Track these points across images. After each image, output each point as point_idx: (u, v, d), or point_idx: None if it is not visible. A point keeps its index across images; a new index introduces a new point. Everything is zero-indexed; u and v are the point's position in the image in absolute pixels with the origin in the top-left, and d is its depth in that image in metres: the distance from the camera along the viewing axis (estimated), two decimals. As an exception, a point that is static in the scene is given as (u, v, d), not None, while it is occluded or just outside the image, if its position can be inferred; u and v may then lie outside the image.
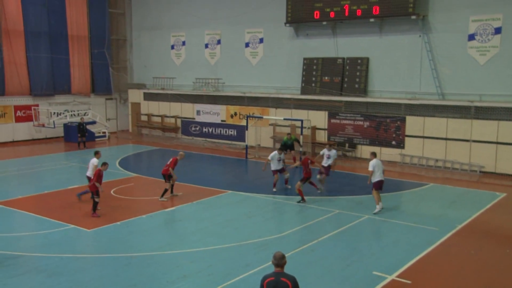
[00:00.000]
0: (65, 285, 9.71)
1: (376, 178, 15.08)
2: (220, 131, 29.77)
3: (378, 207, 15.05)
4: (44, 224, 13.64)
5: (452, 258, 11.63)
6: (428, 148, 22.59)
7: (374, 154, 15.57)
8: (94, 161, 15.63)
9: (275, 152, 17.86)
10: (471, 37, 21.89)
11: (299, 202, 16.12)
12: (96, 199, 14.44)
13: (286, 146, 22.00)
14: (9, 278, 10.03)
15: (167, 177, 16.42)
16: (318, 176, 17.78)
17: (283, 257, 6.52)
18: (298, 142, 22.79)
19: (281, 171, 17.97)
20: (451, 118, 21.96)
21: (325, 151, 18.49)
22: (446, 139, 22.11)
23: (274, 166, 17.79)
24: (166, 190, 16.40)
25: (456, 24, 22.19)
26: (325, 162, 18.22)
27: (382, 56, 24.48)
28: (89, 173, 15.60)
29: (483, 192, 18.21)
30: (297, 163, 18.14)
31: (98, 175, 14.47)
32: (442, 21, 22.60)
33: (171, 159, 16.68)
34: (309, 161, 16.55)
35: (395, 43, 24.04)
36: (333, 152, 18.48)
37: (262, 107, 27.94)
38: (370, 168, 15.05)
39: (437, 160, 22.30)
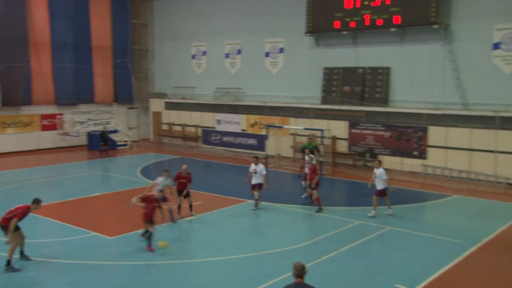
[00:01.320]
0: (87, 292, 9.82)
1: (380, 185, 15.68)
2: (240, 140, 29.85)
3: (373, 212, 15.60)
4: (67, 231, 13.83)
5: (478, 272, 11.38)
6: (452, 159, 22.24)
7: (380, 163, 16.16)
8: (159, 180, 14.88)
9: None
10: (496, 46, 21.58)
11: (317, 211, 16.10)
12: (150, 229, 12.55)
13: (304, 151, 21.85)
14: (34, 284, 10.18)
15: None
16: (303, 183, 18.33)
17: (303, 267, 6.51)
18: (318, 150, 22.65)
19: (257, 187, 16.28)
20: (476, 128, 21.60)
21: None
22: (470, 149, 21.74)
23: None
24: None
25: (480, 33, 21.91)
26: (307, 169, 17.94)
27: (403, 66, 24.29)
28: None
29: (509, 204, 17.80)
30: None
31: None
32: (465, 30, 22.34)
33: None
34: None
35: (417, 53, 23.84)
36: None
37: (282, 116, 27.94)
38: (385, 177, 15.64)
39: (460, 171, 21.93)
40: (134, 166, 24.91)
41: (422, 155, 23.08)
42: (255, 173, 16.33)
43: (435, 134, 22.67)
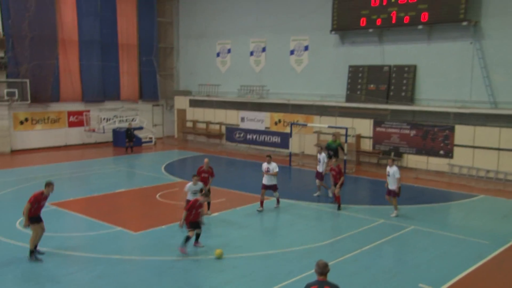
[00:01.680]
0: (113, 285, 10.00)
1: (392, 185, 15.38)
2: (264, 138, 29.87)
3: (395, 212, 15.53)
4: (93, 226, 14.10)
5: (505, 274, 11.16)
6: (479, 159, 21.82)
7: (394, 161, 16.00)
8: (188, 186, 13.70)
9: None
10: (527, 43, 21.07)
11: (338, 209, 16.09)
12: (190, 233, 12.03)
13: (330, 149, 21.83)
14: (62, 276, 10.43)
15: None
16: (317, 181, 18.21)
17: (326, 265, 6.49)
18: (342, 149, 22.50)
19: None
20: (505, 127, 21.13)
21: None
22: (498, 149, 21.29)
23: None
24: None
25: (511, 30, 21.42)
26: (318, 167, 18.11)
27: (430, 64, 23.92)
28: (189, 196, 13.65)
29: (538, 205, 17.39)
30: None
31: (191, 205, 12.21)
32: (495, 27, 21.86)
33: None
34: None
35: (444, 50, 23.45)
36: (322, 155, 18.06)
37: (306, 114, 27.85)
38: (398, 175, 15.25)
39: (488, 171, 21.50)
40: (158, 162, 25.21)
41: (448, 154, 22.71)
42: (267, 171, 15.88)
43: (462, 133, 22.27)
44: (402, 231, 13.92)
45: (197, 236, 12.36)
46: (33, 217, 11.57)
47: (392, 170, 15.31)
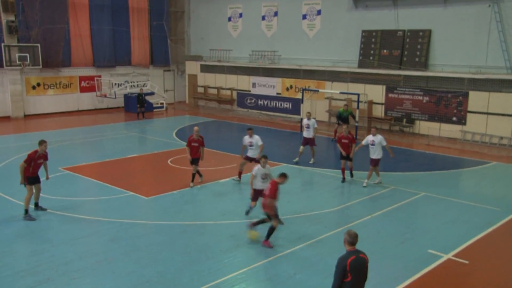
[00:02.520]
0: (126, 249, 10.21)
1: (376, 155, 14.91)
2: (275, 104, 29.73)
3: (372, 181, 15.23)
4: (105, 190, 14.30)
5: (514, 240, 11.18)
6: (493, 125, 21.54)
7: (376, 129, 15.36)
8: (255, 170, 11.86)
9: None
10: (547, 7, 20.42)
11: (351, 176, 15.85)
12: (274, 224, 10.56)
13: (341, 118, 21.72)
14: (75, 239, 10.67)
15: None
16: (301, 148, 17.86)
17: (357, 235, 6.53)
18: (354, 116, 22.35)
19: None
20: (519, 93, 20.76)
21: (304, 121, 17.96)
22: (512, 116, 20.99)
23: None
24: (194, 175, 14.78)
25: (530, -7, 20.77)
26: (305, 133, 17.83)
27: (445, 28, 23.36)
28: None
29: (551, 172, 17.25)
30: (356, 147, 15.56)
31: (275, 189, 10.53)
32: (514, -10, 21.19)
33: None
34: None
35: (461, 14, 22.83)
36: (312, 121, 17.69)
37: (318, 80, 27.57)
38: (385, 142, 14.95)
39: (501, 138, 21.26)
40: (169, 128, 25.30)
41: (461, 121, 22.46)
42: (250, 145, 15.07)
43: (476, 99, 21.94)
44: (413, 198, 13.93)
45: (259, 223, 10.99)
46: (31, 177, 11.99)
47: (378, 139, 14.75)
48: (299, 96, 26.97)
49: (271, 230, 10.38)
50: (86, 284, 8.67)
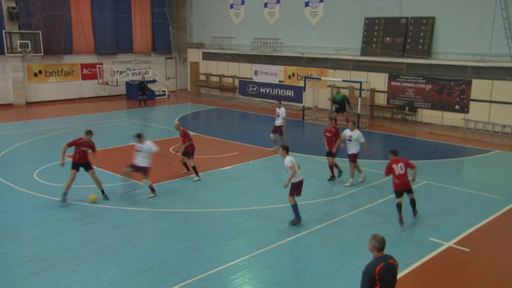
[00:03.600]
0: (128, 236, 10.28)
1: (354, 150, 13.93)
2: (278, 91, 29.66)
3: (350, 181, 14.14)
4: (107, 178, 14.34)
5: (515, 228, 11.21)
6: (495, 114, 21.48)
7: (355, 123, 14.14)
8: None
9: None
10: (552, -6, 20.23)
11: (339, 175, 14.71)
12: None
13: (335, 102, 22.06)
14: (79, 226, 10.74)
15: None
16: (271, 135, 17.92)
17: (385, 240, 5.97)
18: (348, 101, 22.22)
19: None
20: (523, 82, 20.66)
21: (276, 110, 18.00)
22: (515, 104, 20.92)
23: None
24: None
25: (535, -20, 20.56)
26: (276, 121, 17.79)
27: (449, 15, 23.17)
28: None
29: (553, 161, 17.23)
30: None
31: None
32: (519, -23, 20.98)
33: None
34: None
35: (465, 1, 22.63)
36: (282, 110, 17.70)
37: (320, 68, 27.47)
38: (363, 139, 13.95)
39: (504, 126, 21.21)
40: (171, 116, 25.30)
41: (464, 109, 22.39)
42: (139, 151, 12.76)
43: (479, 87, 21.85)
44: (415, 186, 13.90)
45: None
46: (74, 163, 12.55)
47: (356, 135, 13.83)
48: (301, 84, 26.90)
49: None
50: (89, 271, 8.75)
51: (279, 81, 29.72)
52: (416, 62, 23.77)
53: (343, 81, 24.66)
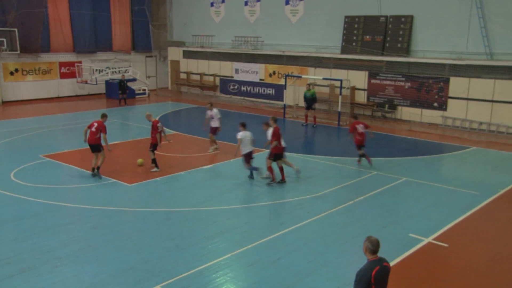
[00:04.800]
0: (109, 236, 10.16)
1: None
2: (259, 90, 29.67)
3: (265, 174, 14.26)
4: (88, 178, 14.17)
5: (493, 223, 11.43)
6: (472, 111, 21.86)
7: (274, 120, 14.12)
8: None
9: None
10: (527, -7, 20.64)
11: (270, 183, 13.87)
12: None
13: (305, 99, 22.72)
14: (58, 227, 10.58)
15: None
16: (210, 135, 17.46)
17: (379, 242, 5.89)
18: (314, 99, 22.80)
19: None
20: (499, 79, 21.07)
21: (207, 113, 17.28)
22: (492, 101, 21.31)
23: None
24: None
25: (510, -21, 20.95)
26: (212, 123, 17.28)
27: (427, 14, 23.48)
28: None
29: (528, 157, 17.61)
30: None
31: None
32: (494, -24, 21.35)
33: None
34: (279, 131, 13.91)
35: (443, 0, 22.96)
36: (214, 111, 17.19)
37: (301, 66, 27.56)
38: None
39: (481, 123, 21.60)
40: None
41: (442, 106, 22.72)
42: (212, 118, 15.05)
43: (457, 85, 22.20)
44: (395, 183, 14.11)
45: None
46: (89, 144, 14.15)
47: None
48: (282, 82, 26.95)
49: None
50: (68, 272, 8.63)
51: (260, 79, 29.73)
52: (395, 60, 24.03)
53: (323, 79, 24.79)
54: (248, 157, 14.10)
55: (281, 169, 13.84)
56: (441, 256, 9.61)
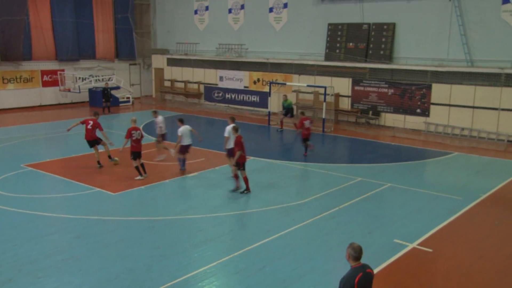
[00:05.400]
0: (93, 245, 10.03)
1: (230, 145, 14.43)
2: (243, 97, 29.69)
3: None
4: (71, 187, 14.00)
5: (476, 228, 11.56)
6: (454, 117, 22.16)
7: (232, 119, 14.56)
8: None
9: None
10: (506, 0, 21.06)
11: (234, 190, 13.83)
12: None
13: (283, 108, 23.51)
14: (40, 237, 10.40)
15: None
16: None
17: (361, 248, 5.87)
18: (292, 109, 23.83)
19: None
20: (480, 85, 21.42)
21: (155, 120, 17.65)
22: (473, 107, 21.64)
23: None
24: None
25: (489, -13, 21.39)
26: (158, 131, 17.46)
27: (409, 22, 23.82)
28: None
29: (510, 161, 17.89)
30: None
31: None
32: (473, -15, 21.77)
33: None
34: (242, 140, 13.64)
35: (424, 8, 23.32)
36: (159, 119, 17.49)
37: (285, 73, 27.68)
38: (226, 134, 14.56)
39: (463, 129, 21.90)
40: (136, 122, 24.87)
41: (425, 112, 23.00)
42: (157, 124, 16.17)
43: (438, 91, 22.50)
44: (379, 189, 14.20)
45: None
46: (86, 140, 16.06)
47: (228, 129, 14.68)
48: (266, 89, 27.03)
49: None
50: (51, 283, 8.49)
51: (245, 87, 29.77)
52: (378, 67, 24.29)
53: (307, 86, 24.93)
54: (184, 149, 15.55)
55: (246, 179, 13.63)
56: (426, 261, 9.68)
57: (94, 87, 30.67)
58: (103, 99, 28.19)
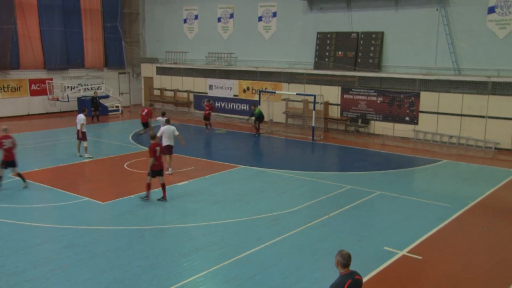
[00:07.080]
0: (82, 255, 9.93)
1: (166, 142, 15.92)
2: (233, 106, 29.73)
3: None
4: (60, 197, 13.87)
5: (464, 235, 11.63)
6: (442, 125, 22.37)
7: (153, 136, 14.19)
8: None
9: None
10: (491, 10, 21.39)
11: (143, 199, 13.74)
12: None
13: (253, 115, 24.33)
14: (27, 248, 10.28)
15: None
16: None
17: (350, 256, 5.90)
18: (262, 116, 24.53)
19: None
20: (467, 94, 21.65)
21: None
22: (461, 115, 21.85)
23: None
24: None
25: (476, -3, 21.71)
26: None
27: (397, 31, 24.07)
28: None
29: (497, 169, 18.06)
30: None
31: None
32: (460, -6, 22.09)
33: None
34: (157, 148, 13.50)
35: (411, 17, 23.59)
36: (79, 117, 19.04)
37: (274, 82, 27.78)
38: (159, 134, 15.62)
39: (451, 137, 22.09)
40: (125, 131, 24.83)
41: (413, 120, 23.18)
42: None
43: (427, 99, 22.71)
44: (369, 196, 14.25)
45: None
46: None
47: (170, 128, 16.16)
48: (256, 97, 27.08)
49: None
50: (39, 294, 8.38)
51: (234, 95, 29.81)
52: (367, 75, 24.47)
53: (297, 94, 25.03)
54: (166, 150, 15.55)
55: (163, 186, 13.61)
56: (415, 268, 9.71)
57: (83, 96, 30.51)
58: (92, 108, 28.02)
